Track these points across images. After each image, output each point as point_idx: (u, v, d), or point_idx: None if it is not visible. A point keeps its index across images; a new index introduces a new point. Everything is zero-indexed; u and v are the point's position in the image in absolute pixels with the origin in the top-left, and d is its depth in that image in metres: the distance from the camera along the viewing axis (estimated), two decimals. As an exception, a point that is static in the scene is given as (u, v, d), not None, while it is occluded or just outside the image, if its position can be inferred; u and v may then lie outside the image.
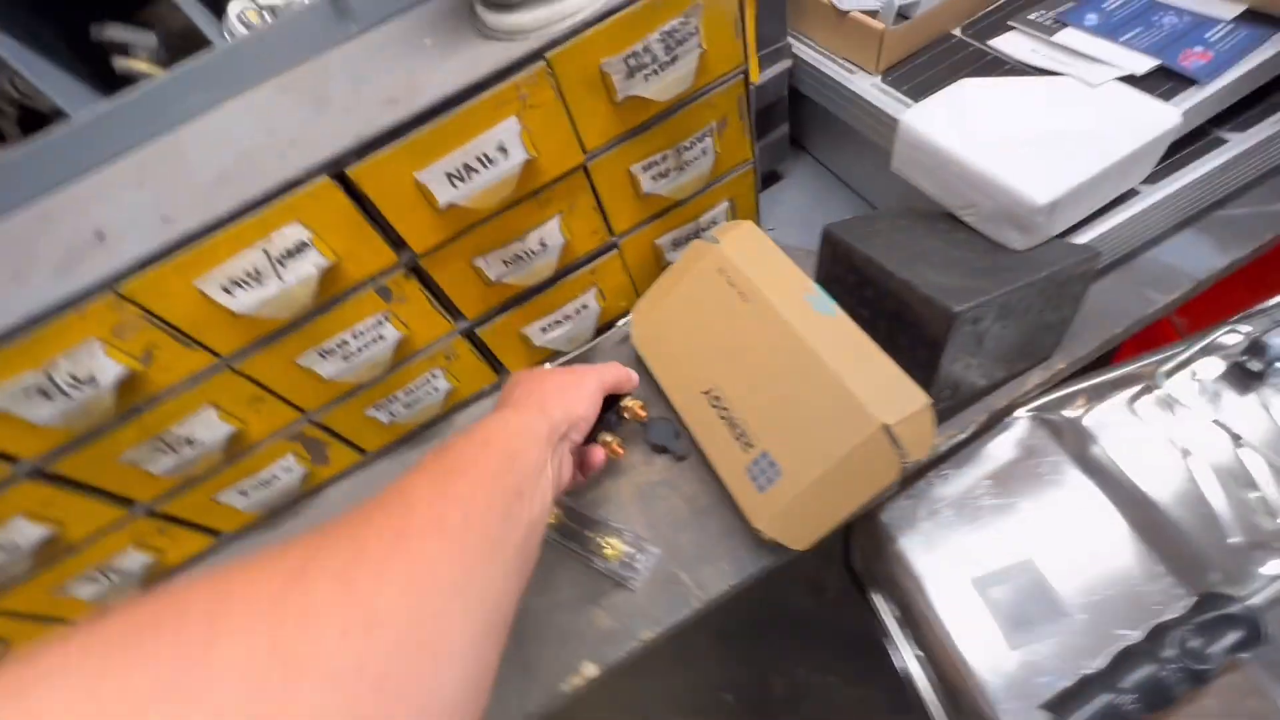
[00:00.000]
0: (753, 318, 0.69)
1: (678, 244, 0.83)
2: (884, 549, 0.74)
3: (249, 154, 0.58)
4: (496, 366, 0.85)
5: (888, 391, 0.59)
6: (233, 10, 0.63)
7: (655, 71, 0.62)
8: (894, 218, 0.72)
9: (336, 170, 0.55)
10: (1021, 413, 0.73)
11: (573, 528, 0.73)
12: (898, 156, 0.72)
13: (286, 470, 0.79)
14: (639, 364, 0.84)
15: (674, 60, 0.62)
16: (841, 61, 0.79)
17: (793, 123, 0.91)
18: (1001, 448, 0.72)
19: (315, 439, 0.79)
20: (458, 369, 0.81)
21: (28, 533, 0.66)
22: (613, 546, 0.70)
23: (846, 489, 0.61)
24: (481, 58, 0.57)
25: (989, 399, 0.70)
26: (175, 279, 0.55)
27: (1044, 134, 0.63)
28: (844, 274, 0.70)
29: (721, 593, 0.67)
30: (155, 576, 0.82)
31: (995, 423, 0.72)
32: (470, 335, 0.78)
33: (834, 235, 0.70)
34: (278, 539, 0.86)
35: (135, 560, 0.78)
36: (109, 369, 0.57)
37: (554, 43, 0.57)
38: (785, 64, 0.80)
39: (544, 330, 0.81)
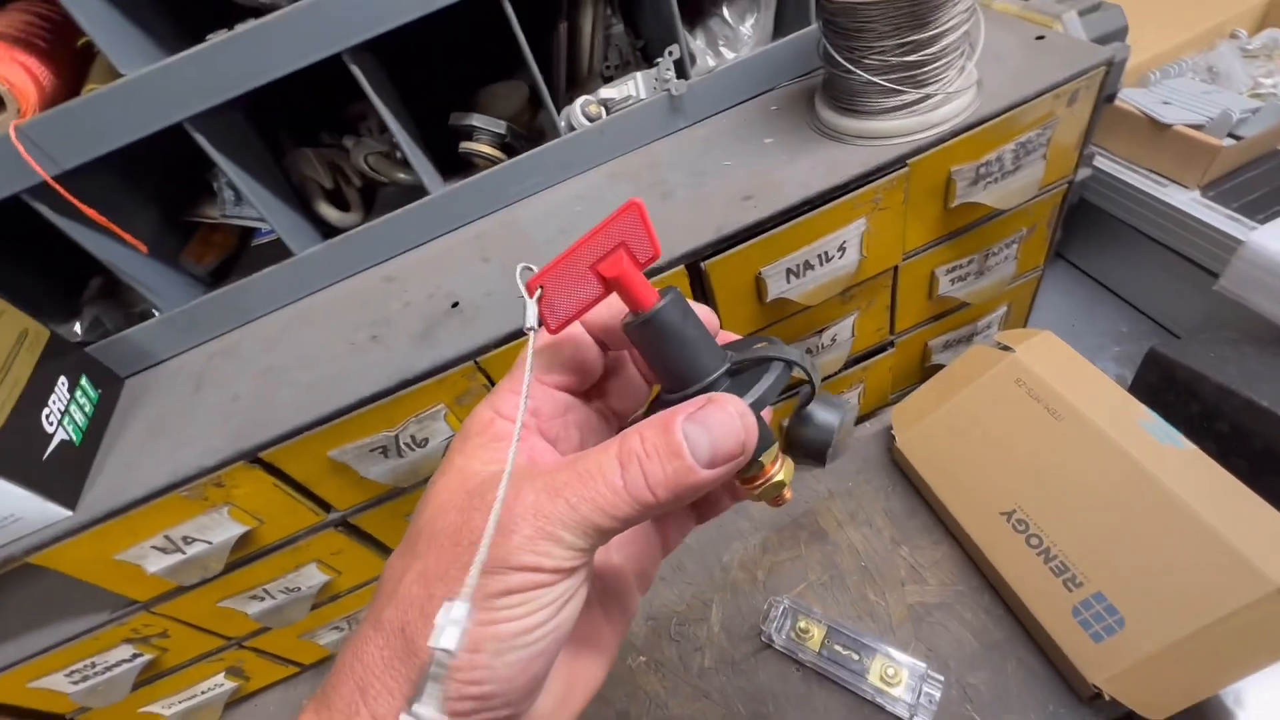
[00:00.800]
0: (1071, 439, 0.63)
1: (948, 346, 0.79)
2: (1215, 722, 0.63)
3: (597, 238, 0.60)
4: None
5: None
6: (578, 103, 0.67)
7: (997, 179, 0.61)
8: (1235, 343, 0.66)
9: (693, 261, 0.56)
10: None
11: (841, 653, 0.67)
12: (1233, 276, 0.67)
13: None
14: (900, 472, 0.80)
15: (1018, 169, 0.61)
16: (1150, 173, 0.75)
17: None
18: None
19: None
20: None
21: (313, 579, 0.68)
22: (895, 678, 0.64)
23: (1223, 656, 0.52)
24: (838, 160, 0.58)
25: (1363, 562, 0.60)
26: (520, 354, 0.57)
27: None
28: (1178, 400, 0.64)
29: (1035, 752, 0.59)
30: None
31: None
32: (735, 423, 0.76)
33: (1167, 358, 0.64)
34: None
35: (378, 613, 0.78)
36: (443, 433, 0.59)
37: (918, 150, 0.56)
38: (1085, 173, 0.77)
39: (803, 423, 0.78)
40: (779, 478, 0.25)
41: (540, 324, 0.24)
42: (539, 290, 0.24)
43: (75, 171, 0.53)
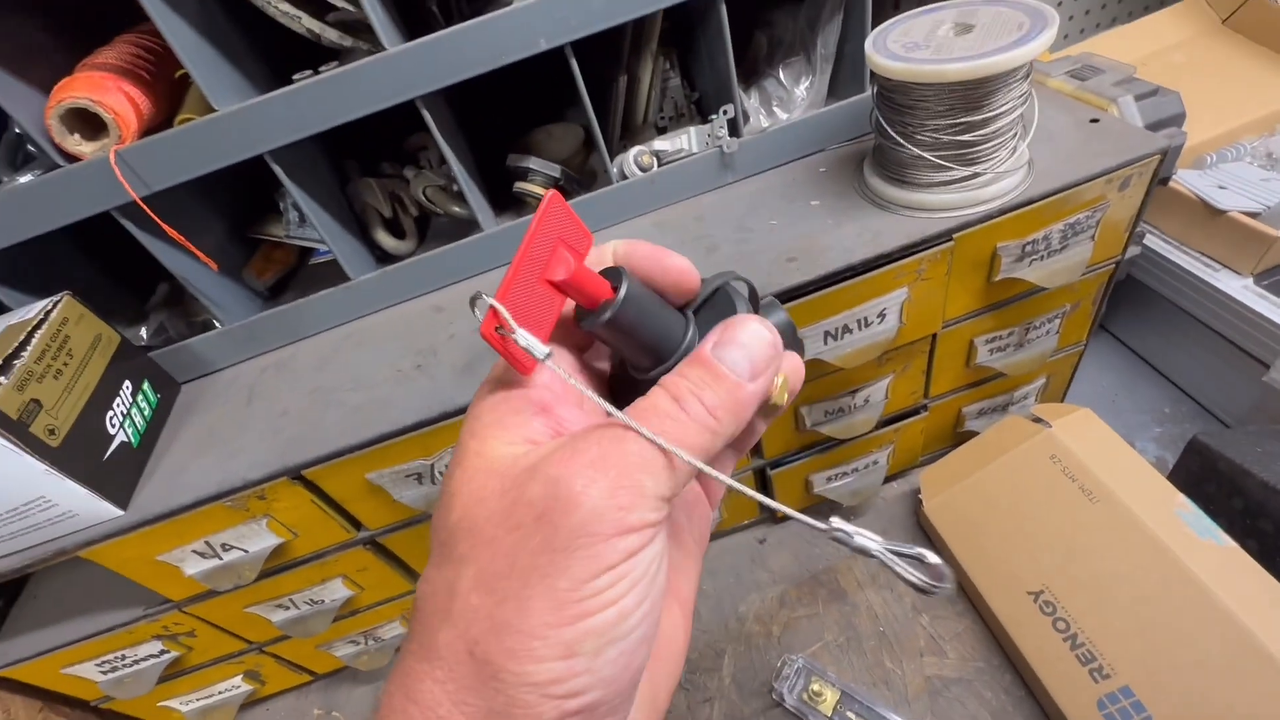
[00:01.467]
0: (1105, 522, 0.62)
1: (983, 413, 0.79)
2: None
3: (641, 286, 0.62)
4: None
5: (1322, 660, 0.50)
6: (631, 153, 0.69)
7: (1043, 257, 0.61)
8: (1284, 439, 0.64)
9: (734, 318, 0.57)
10: None
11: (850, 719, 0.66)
12: (1284, 370, 0.65)
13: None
14: (925, 537, 0.79)
15: (1064, 249, 0.61)
16: (1202, 256, 0.74)
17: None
18: None
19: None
20: (730, 505, 0.80)
21: (337, 594, 0.70)
22: (909, 750, 0.62)
23: (1257, 770, 0.50)
24: (884, 229, 0.59)
25: None
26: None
27: None
28: (1220, 493, 0.62)
29: (1050, 847, 0.57)
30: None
31: None
32: (762, 473, 0.77)
33: (1210, 448, 0.63)
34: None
35: (395, 631, 0.79)
36: (476, 465, 0.60)
37: (966, 224, 0.57)
38: (1134, 250, 0.76)
39: (829, 479, 0.78)
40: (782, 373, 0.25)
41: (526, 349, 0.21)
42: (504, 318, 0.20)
43: (161, 192, 0.57)
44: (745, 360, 0.22)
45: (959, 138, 0.54)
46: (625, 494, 0.18)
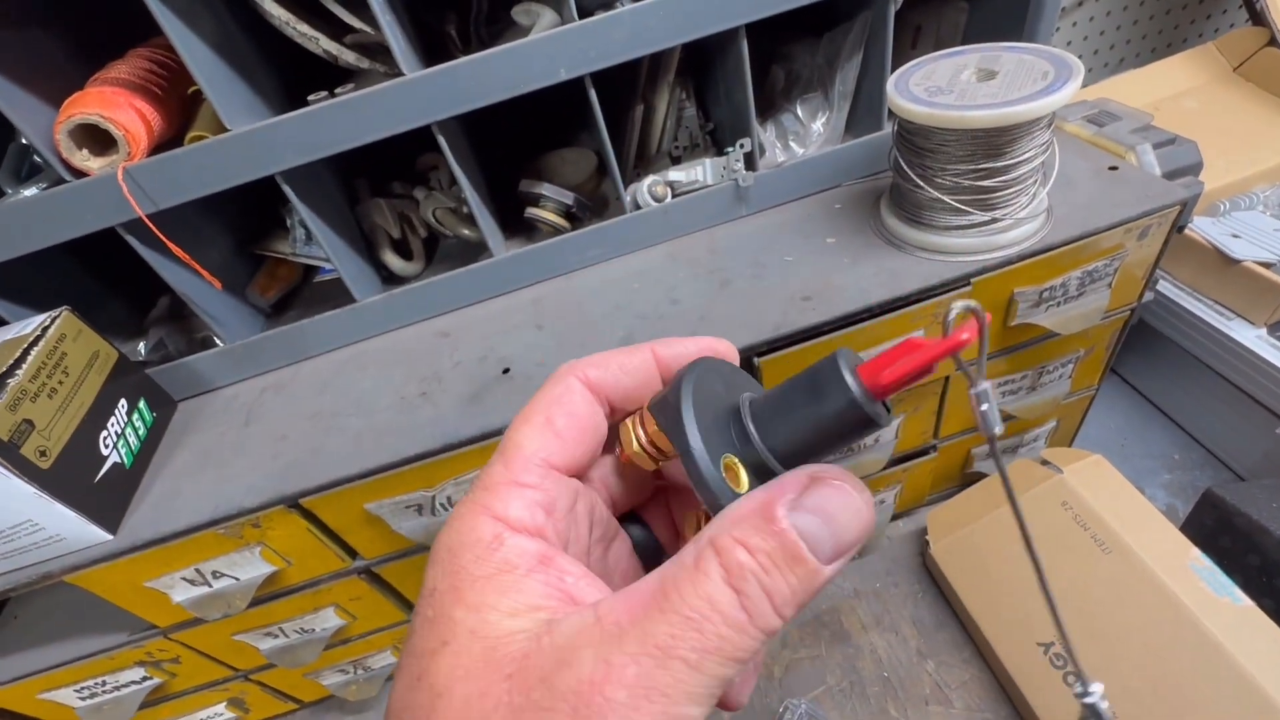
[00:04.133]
0: (1119, 575, 0.61)
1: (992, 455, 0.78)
2: None
3: (652, 320, 0.61)
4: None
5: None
6: (645, 183, 0.68)
7: (1059, 303, 0.60)
8: (1300, 495, 0.63)
9: (748, 356, 0.56)
10: None
11: (859, 763, 0.64)
12: (1299, 424, 0.64)
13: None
14: (930, 579, 0.77)
15: (1081, 295, 0.60)
16: (1216, 305, 0.74)
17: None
18: None
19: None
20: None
21: (328, 623, 0.68)
22: (914, 805, 0.60)
23: (1276, 842, 0.49)
24: (900, 270, 0.58)
25: None
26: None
27: None
28: (1235, 549, 0.61)
29: None
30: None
31: None
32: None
33: (1226, 502, 0.62)
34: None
35: (385, 661, 0.77)
36: (479, 497, 0.59)
37: (984, 270, 0.56)
38: (1148, 296, 0.76)
39: (835, 517, 0.76)
40: None
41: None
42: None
43: (167, 209, 0.56)
44: (830, 539, 0.16)
45: (980, 183, 0.53)
46: None
